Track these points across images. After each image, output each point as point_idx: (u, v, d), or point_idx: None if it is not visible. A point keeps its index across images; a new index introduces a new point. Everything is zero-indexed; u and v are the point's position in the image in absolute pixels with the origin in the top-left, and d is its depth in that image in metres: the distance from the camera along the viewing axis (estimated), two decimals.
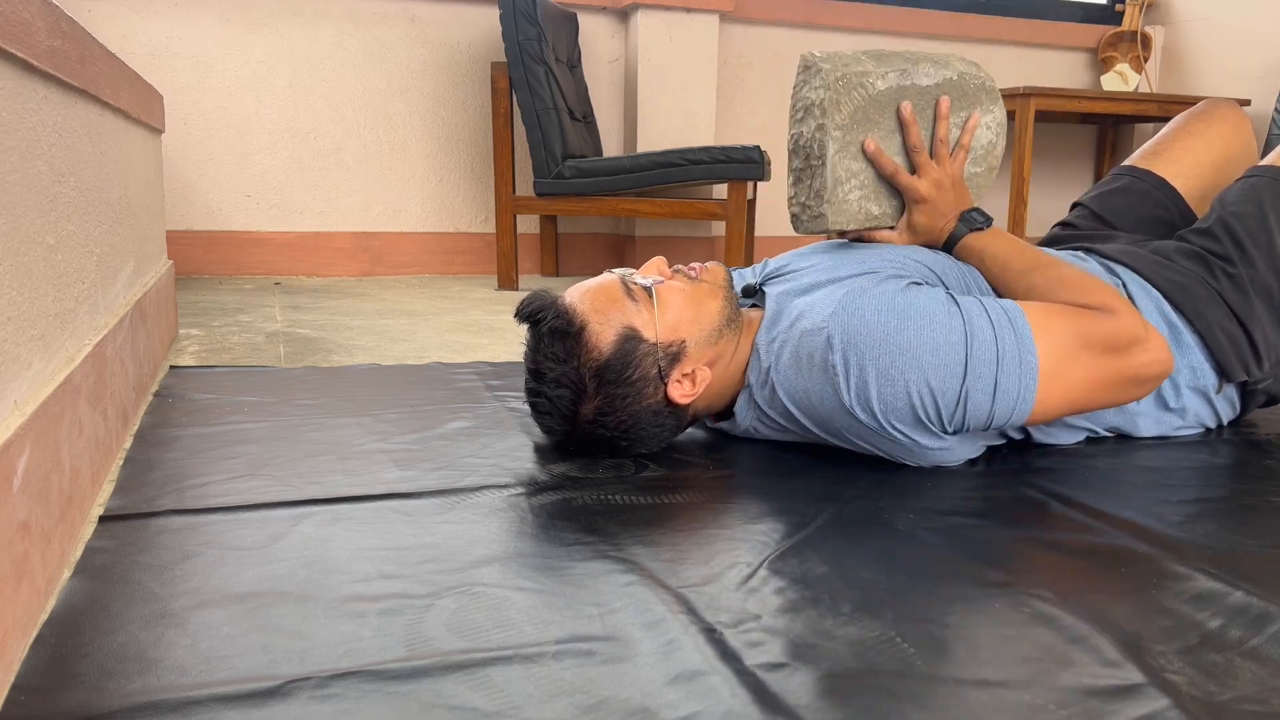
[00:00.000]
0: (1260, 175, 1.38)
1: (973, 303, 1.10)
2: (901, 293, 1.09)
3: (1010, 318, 1.09)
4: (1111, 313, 1.12)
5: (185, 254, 3.05)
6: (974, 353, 1.06)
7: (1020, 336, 1.08)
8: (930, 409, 1.07)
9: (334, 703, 0.63)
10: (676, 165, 2.78)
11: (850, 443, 1.14)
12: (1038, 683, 0.68)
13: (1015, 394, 1.07)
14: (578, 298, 1.15)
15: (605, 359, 1.11)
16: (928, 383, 1.05)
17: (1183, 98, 3.55)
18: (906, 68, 1.25)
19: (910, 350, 1.05)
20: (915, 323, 1.06)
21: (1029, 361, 1.07)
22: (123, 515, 0.96)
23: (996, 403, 1.07)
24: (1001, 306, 1.10)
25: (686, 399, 1.15)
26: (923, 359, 1.05)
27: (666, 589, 0.81)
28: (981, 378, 1.06)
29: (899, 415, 1.07)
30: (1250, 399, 1.35)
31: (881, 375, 1.06)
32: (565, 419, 1.14)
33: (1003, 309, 1.10)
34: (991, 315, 1.09)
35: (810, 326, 1.12)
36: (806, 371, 1.11)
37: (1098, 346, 1.11)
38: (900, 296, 1.08)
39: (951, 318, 1.07)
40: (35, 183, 0.84)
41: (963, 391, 1.06)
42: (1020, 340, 1.07)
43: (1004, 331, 1.07)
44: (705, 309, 1.17)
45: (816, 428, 1.15)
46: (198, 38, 2.97)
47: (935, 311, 1.07)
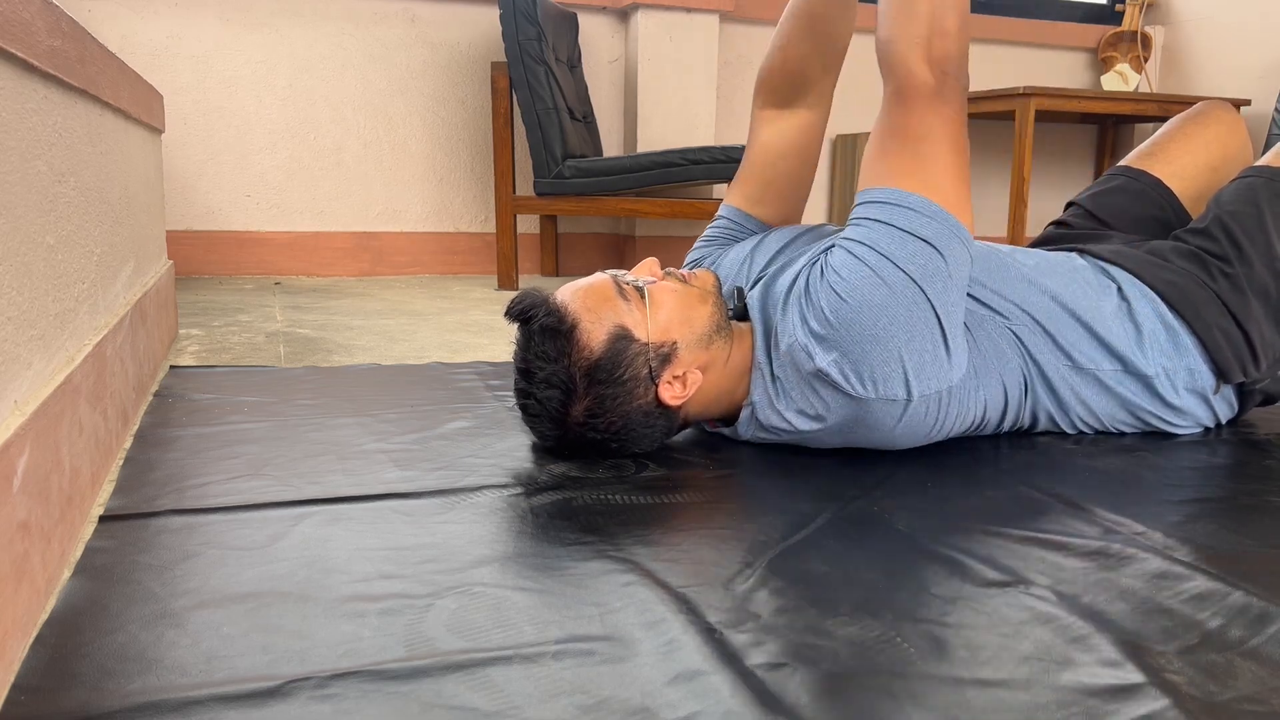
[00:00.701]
0: (1257, 175, 1.38)
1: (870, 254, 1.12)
2: (842, 280, 1.11)
3: (907, 206, 1.12)
4: (904, 106, 1.13)
5: (185, 254, 3.05)
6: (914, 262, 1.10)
7: (923, 210, 1.11)
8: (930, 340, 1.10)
9: (334, 703, 0.64)
10: (676, 165, 2.78)
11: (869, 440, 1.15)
12: (1038, 683, 0.68)
13: (958, 240, 1.12)
14: (569, 296, 1.14)
15: (596, 358, 1.11)
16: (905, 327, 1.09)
17: (1183, 98, 3.55)
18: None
19: (878, 324, 1.09)
20: (864, 295, 1.09)
21: (947, 219, 1.11)
22: (123, 515, 0.96)
23: (950, 262, 1.11)
24: (889, 199, 1.13)
25: (677, 400, 1.15)
26: (892, 319, 1.08)
27: (666, 589, 0.81)
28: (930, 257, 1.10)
29: (904, 366, 1.09)
30: (1248, 399, 1.35)
31: (869, 352, 1.09)
32: (555, 421, 1.14)
33: (890, 203, 1.12)
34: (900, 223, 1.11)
35: (789, 344, 1.14)
36: (808, 387, 1.14)
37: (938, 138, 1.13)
38: (842, 283, 1.10)
39: (881, 269, 1.09)
40: (35, 183, 0.84)
41: (929, 301, 1.10)
42: (931, 216, 1.11)
43: (919, 224, 1.11)
44: (696, 312, 1.17)
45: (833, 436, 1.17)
46: (198, 38, 2.97)
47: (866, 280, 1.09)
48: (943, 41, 1.11)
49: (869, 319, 1.08)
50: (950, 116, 1.13)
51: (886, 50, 1.13)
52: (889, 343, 1.08)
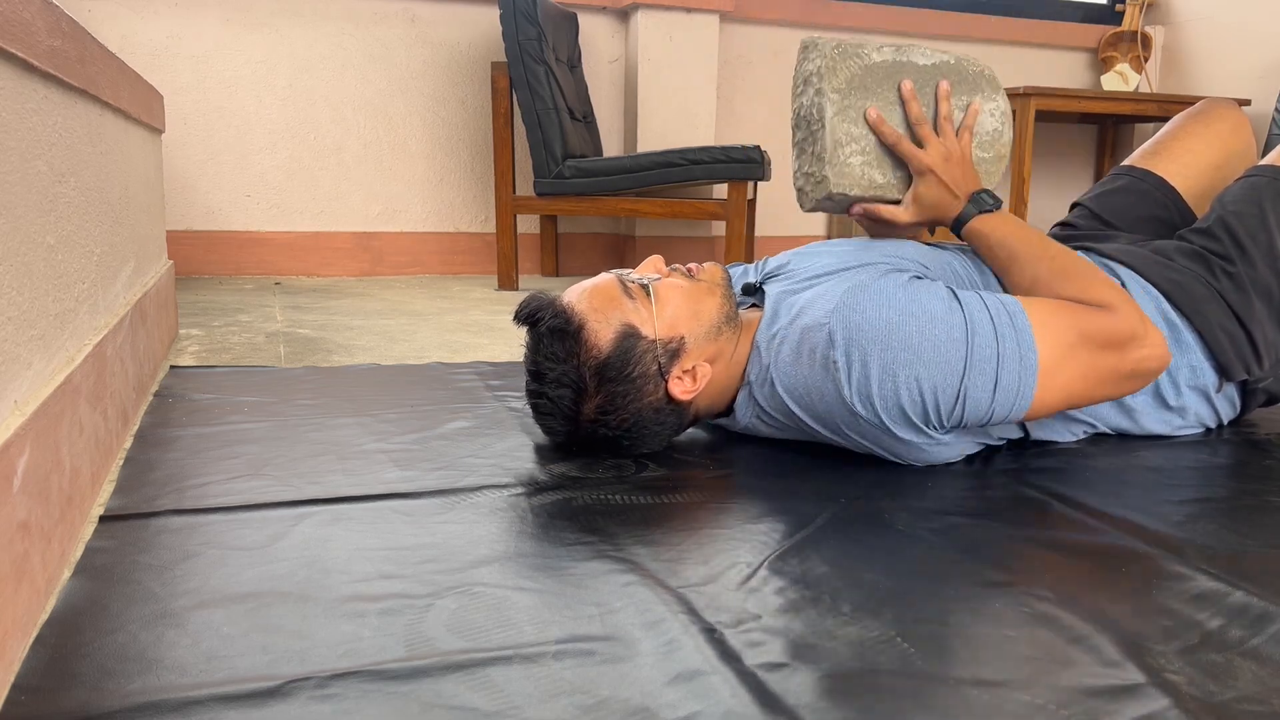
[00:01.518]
0: (1260, 175, 1.38)
1: (973, 298, 1.10)
2: (903, 288, 1.09)
3: (1010, 314, 1.09)
4: (1111, 309, 1.13)
5: (185, 254, 3.05)
6: (974, 349, 1.06)
7: (1020, 332, 1.08)
8: (930, 405, 1.07)
9: (334, 703, 0.63)
10: (676, 165, 2.78)
11: (848, 439, 1.14)
12: (1038, 683, 0.68)
13: (1014, 390, 1.08)
14: (575, 297, 1.15)
15: (605, 357, 1.11)
16: (929, 379, 1.06)
17: (1183, 98, 3.55)
18: (903, 45, 1.27)
19: (912, 347, 1.05)
20: (917, 319, 1.06)
21: (1029, 359, 1.07)
22: (123, 515, 0.96)
23: (996, 399, 1.07)
24: (1002, 302, 1.11)
25: (688, 395, 1.15)
26: (924, 355, 1.05)
27: (666, 589, 0.81)
28: (982, 374, 1.06)
29: (899, 411, 1.07)
30: (1250, 398, 1.35)
31: (883, 371, 1.06)
32: (567, 419, 1.14)
33: (1003, 305, 1.10)
34: (992, 311, 1.09)
35: (811, 322, 1.12)
36: (807, 367, 1.11)
37: (1096, 343, 1.11)
38: (901, 292, 1.08)
39: (952, 314, 1.07)
40: (35, 183, 0.84)
41: (962, 388, 1.06)
42: (1020, 336, 1.08)
43: (1004, 328, 1.08)
44: (703, 305, 1.17)
45: (815, 423, 1.15)
46: (198, 38, 2.97)
47: (936, 307, 1.07)
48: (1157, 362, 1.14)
49: (913, 338, 1.05)
50: (1127, 369, 1.13)
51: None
52: (910, 376, 1.05)
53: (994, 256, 1.24)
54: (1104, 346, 1.12)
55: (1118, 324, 1.12)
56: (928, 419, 1.08)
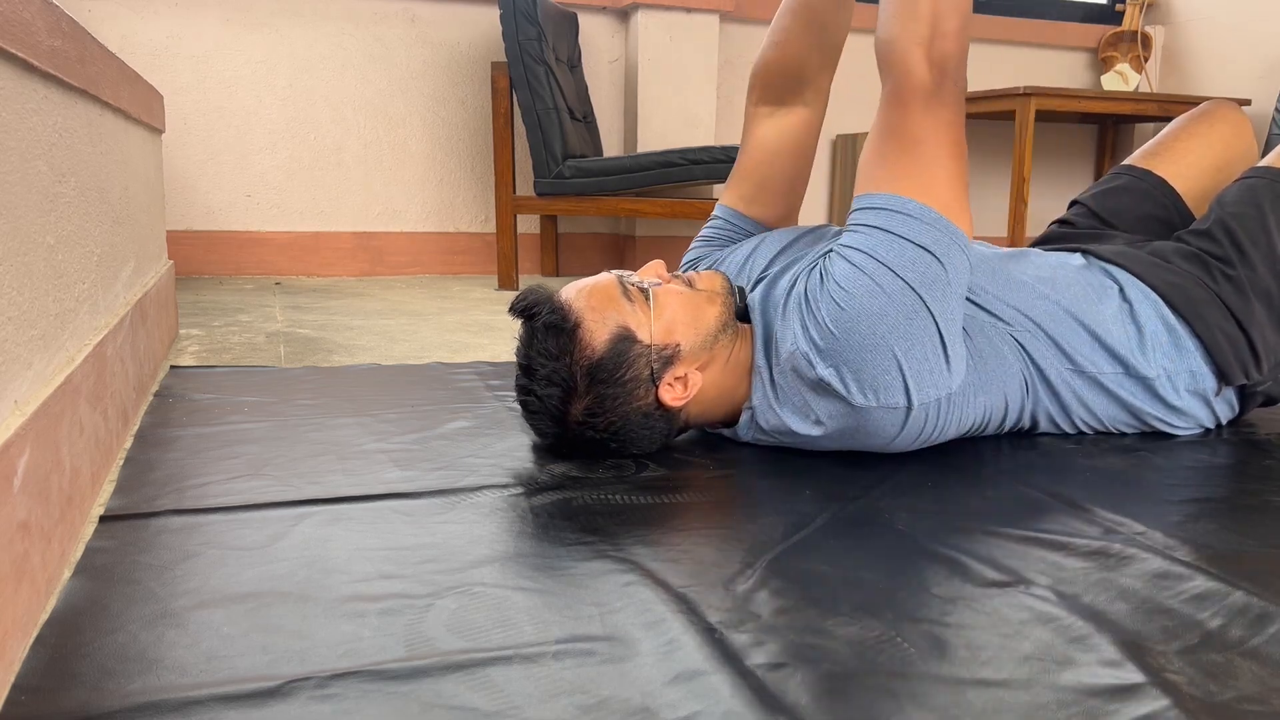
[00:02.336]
0: (1259, 177, 1.38)
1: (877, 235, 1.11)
2: (842, 289, 1.10)
3: (905, 213, 1.11)
4: (902, 107, 1.12)
5: (185, 254, 3.05)
6: (918, 280, 1.09)
7: (920, 218, 1.10)
8: (926, 345, 1.09)
9: (334, 703, 0.63)
10: (676, 165, 2.78)
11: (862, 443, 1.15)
12: (1038, 683, 0.68)
13: (953, 246, 1.11)
14: (574, 295, 1.14)
15: (598, 357, 1.11)
16: (905, 330, 1.08)
17: (1183, 98, 3.55)
18: None
19: (877, 331, 1.08)
20: (864, 303, 1.08)
21: (945, 226, 1.11)
22: (123, 515, 0.96)
23: (950, 273, 1.11)
24: (887, 205, 1.12)
25: (678, 402, 1.15)
26: (893, 324, 1.08)
27: (666, 589, 0.81)
28: (930, 278, 1.09)
29: (908, 375, 1.09)
30: (1249, 401, 1.35)
31: (869, 361, 1.08)
32: (555, 419, 1.14)
33: (888, 210, 1.11)
34: (899, 231, 1.10)
35: (790, 350, 1.14)
36: (808, 391, 1.13)
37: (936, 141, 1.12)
38: (842, 293, 1.10)
39: (880, 277, 1.09)
40: (35, 183, 0.84)
41: (928, 308, 1.09)
42: (927, 222, 1.10)
43: (918, 232, 1.10)
44: (702, 314, 1.17)
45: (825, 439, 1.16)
46: (198, 38, 2.97)
47: (869, 282, 1.09)
48: (943, 42, 1.10)
49: (868, 327, 1.08)
50: (948, 119, 1.12)
51: (886, 49, 1.12)
52: (888, 351, 1.08)
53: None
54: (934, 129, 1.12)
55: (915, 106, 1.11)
56: (935, 361, 1.10)
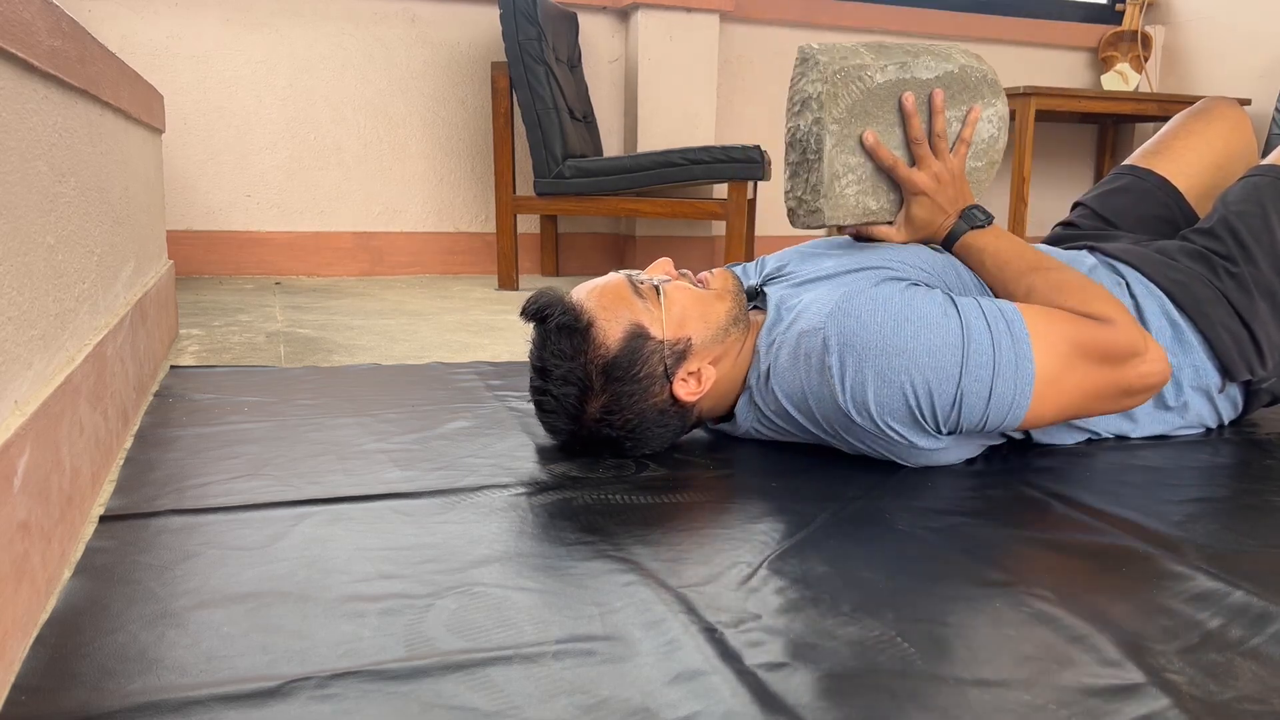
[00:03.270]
0: (1262, 175, 1.38)
1: (971, 304, 1.10)
2: (899, 294, 1.09)
3: (1008, 321, 1.08)
4: (1110, 322, 1.12)
5: (185, 254, 3.05)
6: (970, 356, 1.06)
7: (1017, 340, 1.07)
8: (926, 410, 1.07)
9: (334, 703, 0.63)
10: (676, 165, 2.78)
11: (846, 443, 1.14)
12: (1038, 683, 0.68)
13: (1010, 399, 1.07)
14: (585, 295, 1.15)
15: (612, 355, 1.11)
16: (926, 383, 1.05)
17: (1183, 97, 3.55)
18: (906, 60, 1.24)
19: (907, 352, 1.05)
20: (912, 324, 1.06)
21: (1025, 367, 1.07)
22: (123, 515, 0.96)
23: (991, 406, 1.07)
24: (999, 309, 1.10)
25: (692, 397, 1.15)
26: (919, 360, 1.05)
27: (666, 589, 0.81)
28: (977, 381, 1.06)
29: (895, 416, 1.07)
30: (1253, 398, 1.35)
31: (878, 376, 1.06)
32: (571, 418, 1.14)
33: (1000, 311, 1.09)
34: (989, 318, 1.08)
35: (807, 327, 1.12)
36: (804, 372, 1.11)
37: (1095, 356, 1.10)
38: (897, 298, 1.08)
39: (948, 319, 1.07)
40: (35, 183, 0.84)
41: (958, 394, 1.06)
42: (1017, 344, 1.07)
43: (1001, 335, 1.07)
44: (712, 309, 1.17)
45: (813, 427, 1.15)
46: (198, 38, 2.97)
47: (932, 313, 1.07)
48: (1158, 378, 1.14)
49: (905, 343, 1.05)
50: (1127, 383, 1.13)
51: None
52: (907, 381, 1.05)
53: (985, 270, 1.24)
54: (1103, 360, 1.11)
55: (1117, 337, 1.11)
56: (923, 424, 1.08)
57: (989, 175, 1.32)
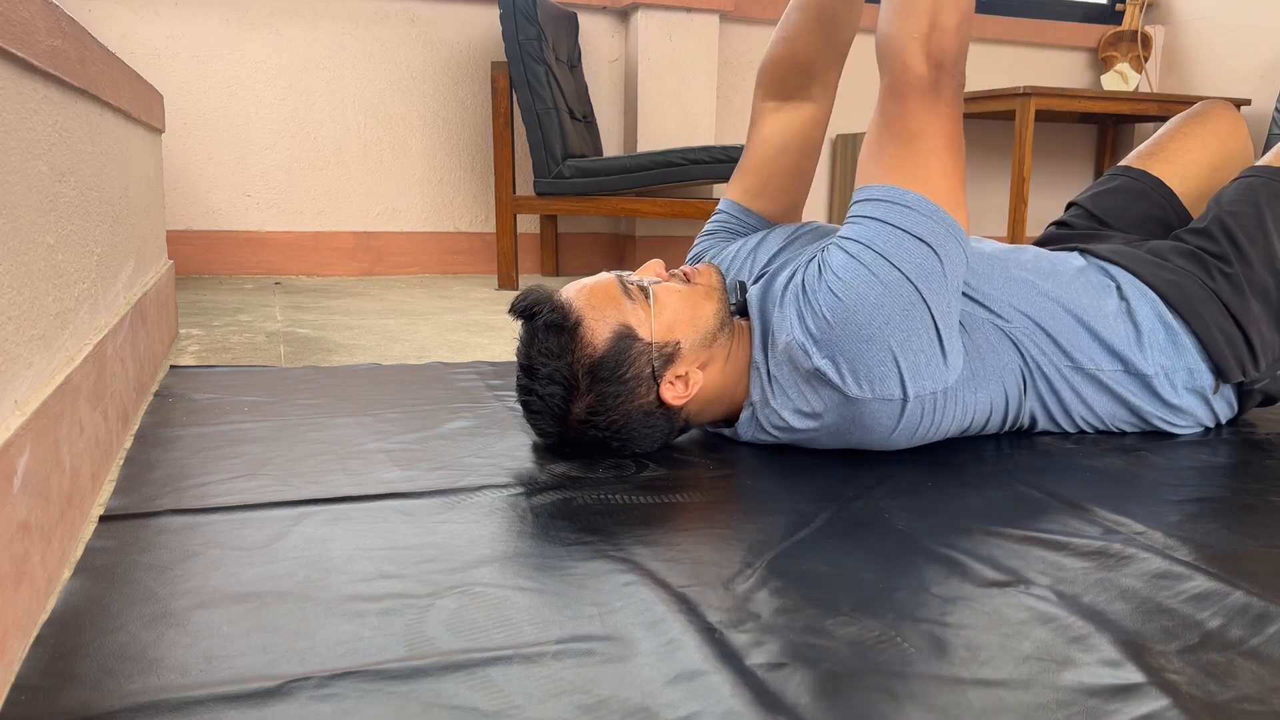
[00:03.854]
0: (1257, 175, 1.38)
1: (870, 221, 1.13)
2: (841, 279, 1.11)
3: (897, 203, 1.12)
4: (900, 101, 1.13)
5: (185, 254, 3.05)
6: (916, 272, 1.10)
7: (917, 210, 1.11)
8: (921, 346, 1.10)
9: (334, 703, 0.63)
10: (676, 165, 2.78)
11: (861, 440, 1.15)
12: (1038, 683, 0.68)
13: (954, 242, 1.12)
14: (574, 294, 1.15)
15: (599, 356, 1.11)
16: (898, 326, 1.09)
17: (1183, 97, 3.55)
18: None
19: (875, 321, 1.09)
20: (860, 294, 1.09)
21: (941, 218, 1.12)
22: (123, 515, 0.96)
23: (946, 264, 1.11)
24: (885, 197, 1.13)
25: (679, 401, 1.15)
26: (887, 319, 1.09)
27: (666, 589, 0.81)
28: (929, 277, 1.10)
29: (909, 369, 1.10)
30: (1247, 399, 1.35)
31: (866, 354, 1.09)
32: (556, 418, 1.14)
33: (888, 199, 1.12)
34: (890, 218, 1.12)
35: (787, 341, 1.14)
36: (803, 383, 1.13)
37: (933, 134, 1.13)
38: (838, 282, 1.11)
39: (877, 268, 1.10)
40: (35, 183, 0.84)
41: (925, 302, 1.10)
42: (920, 215, 1.11)
43: (908, 224, 1.11)
44: (700, 311, 1.17)
45: (825, 434, 1.16)
46: (198, 38, 2.97)
47: (861, 279, 1.10)
48: (941, 37, 1.11)
49: (864, 318, 1.08)
50: (946, 113, 1.13)
51: (885, 44, 1.13)
52: (884, 342, 1.09)
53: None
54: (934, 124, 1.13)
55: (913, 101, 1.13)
56: (931, 353, 1.10)
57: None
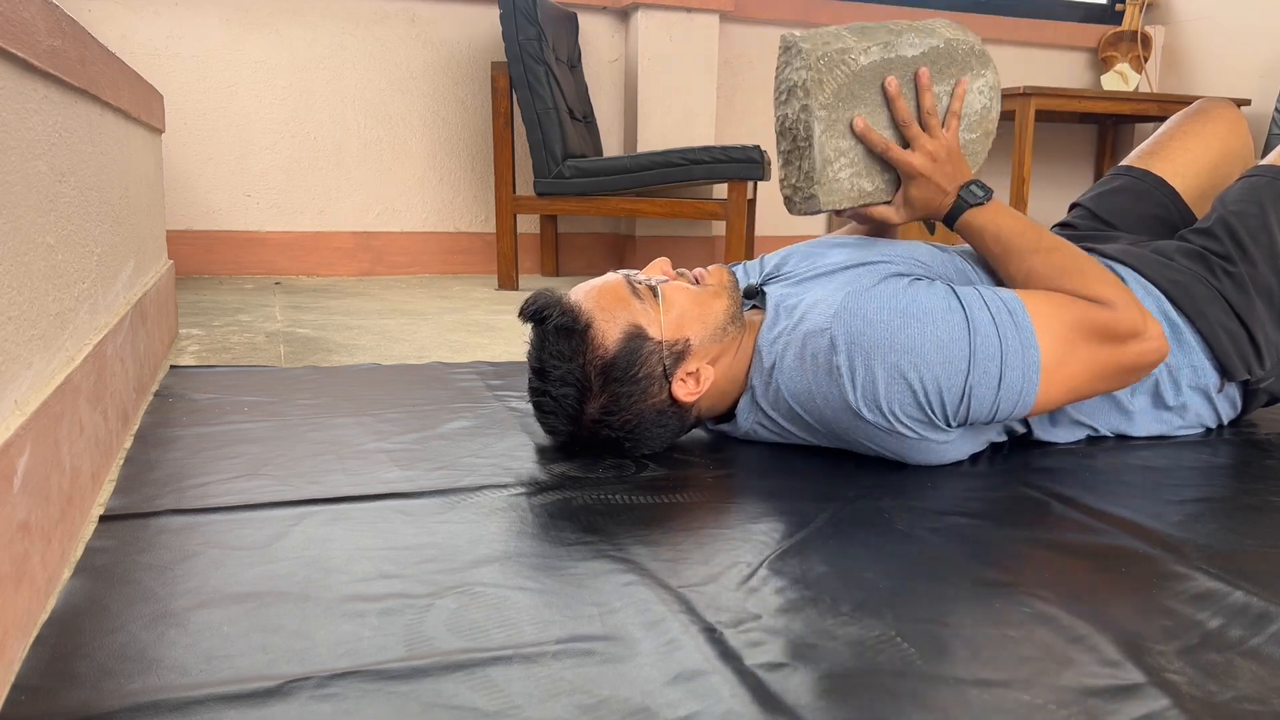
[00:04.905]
0: (1261, 175, 1.38)
1: (973, 295, 1.10)
2: (903, 290, 1.09)
3: (1010, 310, 1.10)
4: (1110, 304, 1.13)
5: (185, 254, 3.05)
6: (977, 347, 1.07)
7: (1021, 329, 1.08)
8: (935, 404, 1.07)
9: (334, 703, 0.63)
10: (676, 165, 2.78)
11: (853, 443, 1.14)
12: (1038, 683, 0.68)
13: (1019, 387, 1.08)
14: (583, 296, 1.15)
15: (611, 356, 1.11)
16: (935, 378, 1.06)
17: (1183, 97, 3.55)
18: (890, 40, 1.22)
19: (914, 348, 1.06)
20: (918, 320, 1.06)
21: (1031, 354, 1.08)
22: (123, 515, 0.96)
23: (1000, 396, 1.08)
24: (1001, 299, 1.11)
25: (691, 397, 1.15)
26: (927, 356, 1.06)
27: (666, 589, 0.81)
28: (986, 372, 1.07)
29: (905, 411, 1.08)
30: (1252, 398, 1.35)
31: (888, 373, 1.06)
32: (570, 419, 1.14)
33: (1003, 301, 1.10)
34: (992, 308, 1.09)
35: (813, 328, 1.12)
36: (811, 372, 1.12)
37: (1097, 338, 1.12)
38: (902, 294, 1.09)
39: (953, 313, 1.07)
40: (35, 183, 0.84)
41: (967, 386, 1.07)
42: (1022, 332, 1.08)
43: (1005, 325, 1.08)
44: (710, 308, 1.17)
45: (820, 426, 1.15)
46: (198, 38, 2.97)
47: (937, 307, 1.07)
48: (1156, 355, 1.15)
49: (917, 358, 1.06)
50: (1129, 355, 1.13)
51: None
52: (915, 376, 1.06)
53: (987, 249, 1.24)
54: (1105, 340, 1.12)
55: (1118, 318, 1.12)
56: (933, 418, 1.08)
57: (984, 146, 1.31)
